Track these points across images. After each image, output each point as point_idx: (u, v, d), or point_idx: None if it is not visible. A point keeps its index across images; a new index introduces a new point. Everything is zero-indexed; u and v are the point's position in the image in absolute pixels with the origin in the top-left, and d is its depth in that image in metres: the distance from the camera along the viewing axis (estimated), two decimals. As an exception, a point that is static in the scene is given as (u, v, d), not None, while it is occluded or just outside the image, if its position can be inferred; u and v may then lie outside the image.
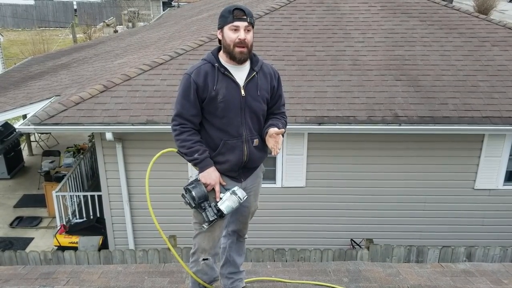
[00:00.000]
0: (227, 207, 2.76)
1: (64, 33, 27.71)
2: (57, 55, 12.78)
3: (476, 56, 7.95)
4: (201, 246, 2.93)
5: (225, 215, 2.79)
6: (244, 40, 2.68)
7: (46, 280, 3.78)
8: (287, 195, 7.60)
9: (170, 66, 7.53)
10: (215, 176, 2.80)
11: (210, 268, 3.01)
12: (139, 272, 3.89)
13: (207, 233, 2.88)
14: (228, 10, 2.70)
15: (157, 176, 6.73)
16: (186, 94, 2.77)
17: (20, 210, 10.00)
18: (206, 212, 2.76)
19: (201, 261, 2.96)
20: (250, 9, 2.75)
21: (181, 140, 2.79)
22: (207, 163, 2.80)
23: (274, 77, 2.94)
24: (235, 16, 2.67)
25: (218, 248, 3.00)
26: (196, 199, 2.75)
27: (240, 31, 2.68)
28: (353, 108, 6.90)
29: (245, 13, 2.68)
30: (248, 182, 2.98)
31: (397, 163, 7.53)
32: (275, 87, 2.94)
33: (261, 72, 2.87)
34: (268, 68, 2.94)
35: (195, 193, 2.75)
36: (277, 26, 8.50)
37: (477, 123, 6.78)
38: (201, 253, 2.95)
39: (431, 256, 5.94)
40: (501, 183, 7.57)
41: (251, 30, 2.73)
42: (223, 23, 2.72)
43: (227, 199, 2.77)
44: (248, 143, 2.84)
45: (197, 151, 2.77)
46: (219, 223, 2.86)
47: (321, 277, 3.75)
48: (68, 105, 6.77)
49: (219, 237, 2.95)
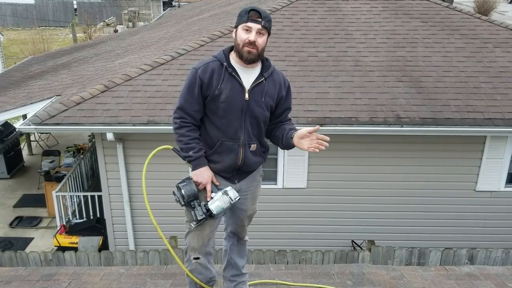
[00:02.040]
0: (217, 207, 2.72)
1: (64, 32, 27.68)
2: (57, 55, 12.75)
3: (478, 58, 7.94)
4: (191, 244, 2.92)
5: (215, 215, 2.76)
6: (253, 42, 2.64)
7: (48, 282, 3.76)
8: (288, 196, 7.57)
9: (171, 66, 7.51)
10: (207, 175, 2.78)
11: (204, 267, 2.97)
12: (141, 274, 3.86)
13: (196, 231, 2.86)
14: (245, 10, 2.68)
15: (157, 176, 6.72)
16: (191, 89, 2.75)
17: (20, 210, 9.96)
18: (195, 211, 2.73)
19: (192, 260, 2.94)
20: (267, 12, 2.72)
21: (180, 134, 2.77)
22: (200, 162, 2.77)
23: (284, 86, 2.88)
24: (250, 17, 2.64)
25: (210, 248, 2.96)
26: (185, 197, 2.73)
27: (252, 33, 2.64)
28: (355, 109, 6.88)
29: (260, 16, 2.65)
30: (243, 184, 2.94)
31: (399, 165, 7.52)
32: (283, 96, 2.87)
33: (270, 78, 2.81)
34: (279, 76, 2.87)
35: (185, 191, 2.73)
36: (279, 27, 8.48)
37: (479, 124, 6.75)
38: (191, 252, 2.93)
39: (432, 258, 5.93)
40: (503, 185, 7.56)
41: (264, 34, 2.68)
42: (238, 22, 2.70)
43: (218, 199, 2.74)
44: (245, 147, 2.81)
45: (193, 149, 2.75)
46: (209, 222, 2.83)
47: (325, 279, 3.73)
48: (69, 105, 6.75)
49: (210, 236, 2.91)
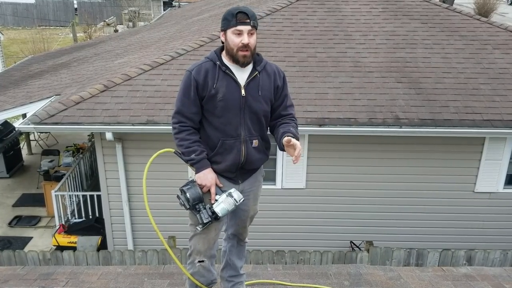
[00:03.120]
0: (222, 210, 2.71)
1: (64, 32, 27.68)
2: (57, 54, 12.75)
3: (477, 59, 7.94)
4: (196, 248, 2.90)
5: (220, 218, 2.74)
6: (247, 44, 2.64)
7: (45, 281, 3.76)
8: (287, 197, 7.58)
9: (171, 66, 7.52)
10: (211, 177, 2.76)
11: (207, 270, 2.97)
12: (139, 273, 3.87)
13: (202, 235, 2.84)
14: (231, 13, 2.64)
15: (156, 176, 6.72)
16: (187, 91, 2.75)
17: (19, 209, 9.97)
18: (201, 214, 2.71)
19: (196, 263, 2.92)
20: (252, 10, 2.72)
21: (180, 139, 2.77)
22: (203, 164, 2.76)
23: (278, 76, 2.87)
24: (239, 20, 2.62)
25: (214, 251, 2.95)
26: (190, 201, 2.71)
27: (244, 35, 2.63)
28: (354, 110, 6.88)
29: (248, 17, 2.63)
30: (246, 185, 2.94)
31: (398, 165, 7.52)
32: (279, 86, 2.86)
33: (264, 71, 2.81)
34: (272, 68, 2.87)
35: (190, 195, 2.71)
36: (278, 27, 8.49)
37: (478, 126, 6.76)
38: (196, 255, 2.91)
39: (431, 259, 5.93)
40: (502, 187, 7.56)
41: (254, 33, 2.68)
42: (226, 26, 2.67)
43: (222, 201, 2.72)
44: (247, 143, 2.80)
45: (195, 152, 2.74)
46: (215, 225, 2.81)
47: (322, 280, 3.73)
48: (68, 104, 6.76)
49: (215, 239, 2.91)
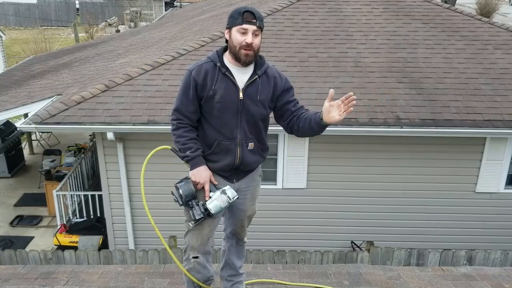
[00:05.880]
0: (215, 207, 2.74)
1: (66, 32, 27.74)
2: (59, 54, 12.78)
3: (478, 59, 7.94)
4: (190, 244, 2.94)
5: (213, 214, 2.77)
6: (251, 44, 2.64)
7: (46, 280, 3.77)
8: (288, 197, 7.58)
9: (172, 66, 7.53)
10: (205, 174, 2.79)
11: (203, 266, 2.99)
12: (139, 272, 3.88)
13: (196, 231, 2.88)
14: (238, 11, 2.65)
15: (157, 176, 6.73)
16: (186, 91, 2.78)
17: (20, 209, 9.99)
18: (193, 210, 2.75)
19: (191, 259, 2.96)
20: (259, 11, 2.72)
21: (177, 135, 2.80)
22: (198, 161, 2.79)
23: (280, 79, 2.84)
24: (245, 19, 2.62)
25: (209, 247, 2.98)
26: (183, 197, 2.75)
27: (248, 34, 2.63)
28: (355, 110, 6.83)
29: (255, 17, 2.64)
30: (242, 184, 2.95)
31: (398, 166, 7.52)
32: (280, 90, 2.83)
33: (264, 76, 2.80)
34: (273, 72, 2.85)
35: (182, 191, 2.75)
36: (280, 27, 8.50)
37: (479, 126, 6.76)
38: (190, 251, 2.96)
39: (431, 259, 5.94)
40: (503, 187, 7.56)
41: (259, 34, 2.68)
42: (232, 24, 2.67)
43: (216, 198, 2.75)
44: (242, 146, 2.82)
45: (190, 149, 2.77)
46: (208, 222, 2.84)
47: (322, 279, 3.73)
48: (70, 104, 6.77)
49: (209, 236, 2.93)
